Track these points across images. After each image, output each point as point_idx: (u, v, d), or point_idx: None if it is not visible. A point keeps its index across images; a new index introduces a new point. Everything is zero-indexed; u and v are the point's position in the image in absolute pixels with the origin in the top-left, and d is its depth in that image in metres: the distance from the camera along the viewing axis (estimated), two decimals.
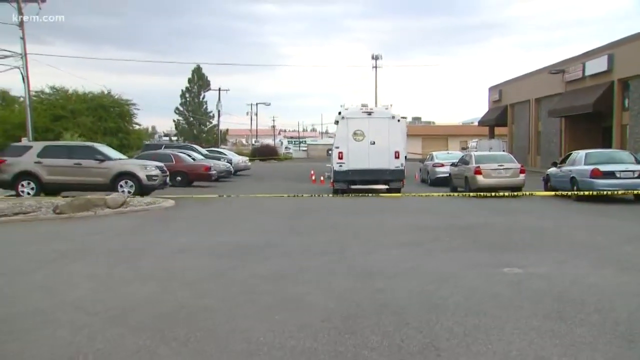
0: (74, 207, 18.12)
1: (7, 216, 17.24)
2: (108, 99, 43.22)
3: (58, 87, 43.83)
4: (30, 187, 22.86)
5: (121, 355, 5.72)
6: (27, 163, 23.03)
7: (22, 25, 33.50)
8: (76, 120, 39.56)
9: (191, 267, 9.99)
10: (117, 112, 43.02)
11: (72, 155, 23.33)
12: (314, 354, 5.65)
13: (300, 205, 20.47)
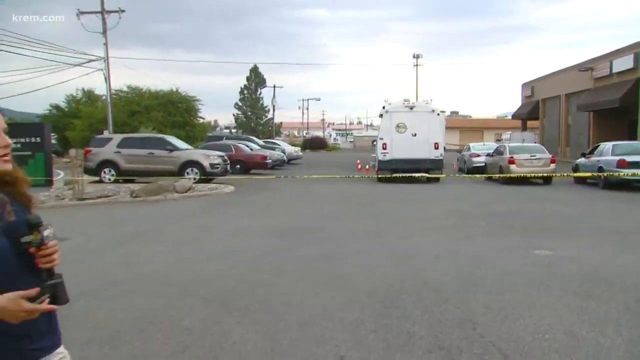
0: (148, 192, 18.49)
1: (92, 199, 17.71)
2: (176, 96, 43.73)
3: (134, 86, 44.61)
4: (110, 173, 23.38)
5: (191, 322, 5.84)
6: (108, 153, 23.55)
7: (105, 34, 34.27)
8: (149, 115, 40.17)
9: (249, 246, 10.11)
10: (184, 107, 43.50)
11: (146, 145, 23.74)
12: (361, 325, 5.69)
13: (347, 192, 20.45)
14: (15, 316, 1.92)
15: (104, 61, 34.34)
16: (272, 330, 5.55)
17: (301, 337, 5.34)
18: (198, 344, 5.20)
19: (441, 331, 5.46)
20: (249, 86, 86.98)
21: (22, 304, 1.91)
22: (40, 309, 1.95)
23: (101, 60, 34.42)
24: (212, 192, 20.17)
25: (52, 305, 2.00)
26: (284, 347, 5.11)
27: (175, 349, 5.09)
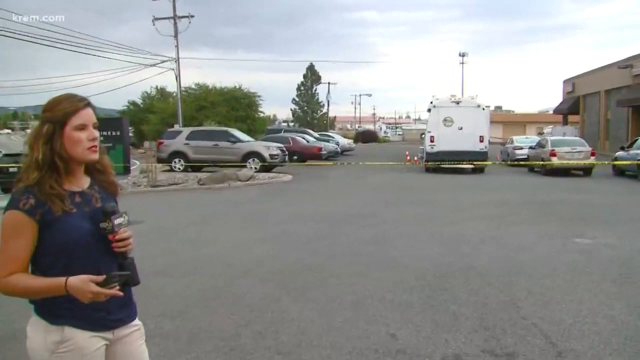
0: (213, 180, 18.76)
1: (164, 186, 18.10)
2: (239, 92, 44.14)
3: (201, 84, 45.27)
4: (180, 163, 23.79)
5: (252, 299, 5.88)
6: (178, 144, 23.96)
7: (177, 37, 34.92)
8: (214, 110, 40.67)
9: (305, 230, 10.12)
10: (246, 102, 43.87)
11: (212, 138, 24.05)
12: (410, 306, 5.62)
13: (397, 181, 20.28)
14: (84, 297, 1.96)
15: (175, 61, 35.00)
16: (327, 309, 5.54)
17: (354, 316, 5.30)
18: (259, 319, 5.22)
19: (486, 313, 5.34)
20: (305, 83, 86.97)
21: (90, 286, 1.95)
22: (106, 293, 1.97)
23: (173, 60, 35.08)
24: (272, 180, 20.32)
25: (122, 288, 2.03)
26: (339, 324, 5.08)
27: (238, 323, 5.13)
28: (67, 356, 2.06)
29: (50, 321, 2.08)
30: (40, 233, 2.03)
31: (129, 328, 2.24)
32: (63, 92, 2.18)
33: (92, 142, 2.10)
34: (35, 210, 2.01)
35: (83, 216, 2.07)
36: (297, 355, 4.40)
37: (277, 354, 4.41)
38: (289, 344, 4.61)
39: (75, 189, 2.12)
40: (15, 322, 5.36)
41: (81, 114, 2.09)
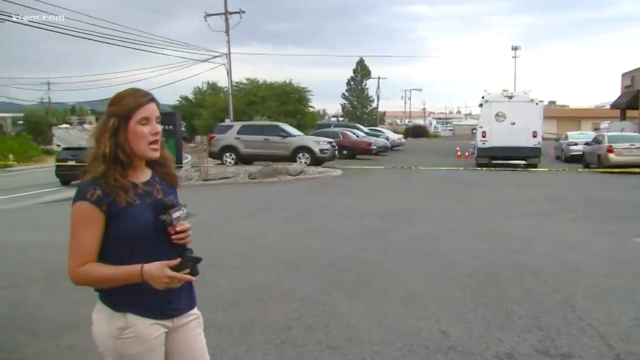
0: (264, 174, 18.94)
1: (215, 180, 18.40)
2: (289, 87, 44.40)
3: (252, 79, 45.77)
4: (231, 157, 24.11)
5: (303, 292, 5.92)
6: (229, 138, 24.26)
7: (228, 32, 35.41)
8: (265, 105, 41.04)
9: (354, 225, 10.11)
10: (296, 97, 44.10)
11: (262, 132, 24.27)
12: (462, 303, 5.55)
13: (447, 177, 20.05)
14: (159, 282, 2.04)
15: (226, 57, 35.49)
16: (377, 304, 5.53)
17: (404, 312, 5.28)
18: (310, 313, 5.26)
19: (539, 312, 5.23)
20: (355, 77, 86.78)
21: (165, 270, 2.03)
22: (180, 278, 2.06)
23: (224, 56, 35.58)
24: (321, 175, 20.37)
25: (190, 276, 2.12)
26: (389, 320, 5.06)
27: (289, 316, 5.18)
28: (129, 342, 2.14)
29: (114, 308, 2.16)
30: (106, 223, 2.11)
31: (188, 317, 2.31)
32: (119, 88, 2.27)
33: (154, 136, 2.16)
34: (102, 201, 2.09)
35: (146, 207, 2.14)
36: (347, 349, 4.41)
37: (327, 348, 4.43)
38: (339, 339, 4.62)
39: (138, 181, 2.20)
40: (78, 310, 5.56)
41: (144, 109, 2.15)
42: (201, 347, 2.38)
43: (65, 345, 4.63)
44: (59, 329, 5.06)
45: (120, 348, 2.15)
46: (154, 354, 2.22)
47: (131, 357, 2.16)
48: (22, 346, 4.65)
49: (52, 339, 4.79)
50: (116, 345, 2.14)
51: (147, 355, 2.20)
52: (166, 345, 2.27)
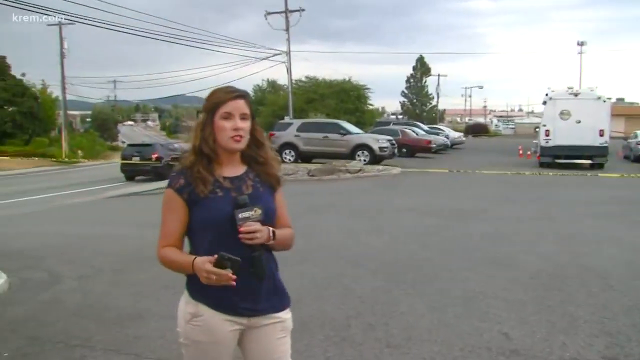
0: (323, 172, 19.04)
1: None
2: (348, 85, 44.49)
3: (311, 77, 46.14)
4: (290, 154, 24.29)
5: (363, 290, 5.94)
6: (289, 136, 24.44)
7: (288, 30, 35.75)
8: (323, 102, 41.26)
9: (415, 224, 10.06)
10: (355, 95, 44.15)
11: (322, 130, 24.34)
12: (524, 305, 5.45)
13: (509, 176, 19.63)
14: (201, 275, 2.10)
15: (286, 55, 35.83)
16: (437, 304, 5.49)
17: (465, 312, 5.22)
18: (369, 311, 5.27)
19: (607, 317, 5.06)
20: (414, 75, 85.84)
21: (206, 265, 2.07)
22: (215, 272, 2.06)
23: (284, 54, 35.94)
24: (381, 173, 20.30)
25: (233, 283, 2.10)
26: (450, 319, 5.03)
27: (349, 314, 5.21)
28: (198, 330, 2.25)
29: (190, 295, 2.29)
30: (190, 211, 2.23)
31: (269, 319, 2.32)
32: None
33: (235, 132, 2.22)
34: (184, 189, 2.22)
35: (228, 200, 2.20)
36: (406, 348, 4.40)
37: (386, 347, 4.44)
38: (398, 337, 4.62)
39: (226, 175, 2.27)
40: (141, 302, 5.77)
41: (229, 104, 2.23)
42: (280, 351, 2.36)
43: (132, 335, 4.80)
44: (126, 318, 5.26)
45: (189, 332, 2.28)
46: (220, 348, 2.28)
47: (196, 343, 2.28)
48: (93, 334, 4.86)
49: (120, 329, 4.98)
50: (186, 329, 2.28)
51: (212, 347, 2.27)
52: (241, 343, 2.34)
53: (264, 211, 2.21)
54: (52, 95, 53.23)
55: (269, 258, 2.32)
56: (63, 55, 43.84)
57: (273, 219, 2.32)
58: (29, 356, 4.43)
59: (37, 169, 36.45)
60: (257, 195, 2.27)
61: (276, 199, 2.39)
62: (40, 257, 7.98)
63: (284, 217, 2.44)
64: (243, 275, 2.14)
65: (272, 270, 2.36)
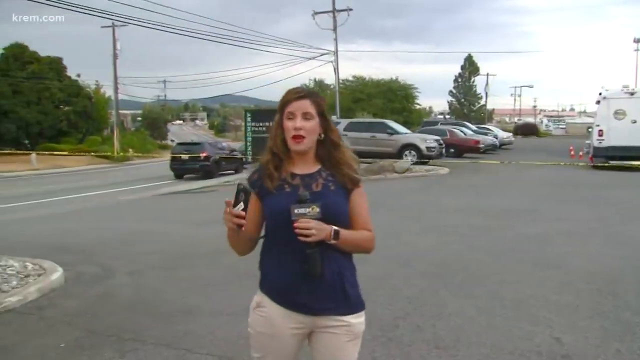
0: (369, 171, 18.99)
1: None
2: (396, 84, 44.27)
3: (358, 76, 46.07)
4: None
5: (410, 291, 5.90)
6: None
7: (335, 30, 35.79)
8: (370, 102, 41.14)
9: (464, 224, 9.93)
10: (403, 94, 43.90)
11: (369, 129, 24.27)
12: (576, 309, 5.31)
13: (560, 177, 19.17)
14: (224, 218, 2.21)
15: (333, 54, 35.85)
16: (486, 306, 5.41)
17: (515, 315, 5.13)
18: (417, 312, 5.24)
19: None
20: (462, 74, 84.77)
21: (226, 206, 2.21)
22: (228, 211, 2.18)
23: (331, 53, 35.97)
24: (428, 173, 20.14)
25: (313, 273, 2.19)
26: (499, 322, 4.94)
27: (396, 314, 5.18)
28: (258, 319, 2.35)
29: (259, 285, 2.40)
30: (262, 204, 2.34)
31: (333, 321, 2.30)
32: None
33: (296, 131, 2.26)
34: (256, 184, 2.35)
35: (293, 197, 2.22)
36: (455, 350, 4.36)
37: (435, 348, 4.40)
38: (447, 339, 4.58)
39: (297, 172, 2.33)
40: (191, 298, 5.88)
41: (292, 104, 2.29)
42: (344, 356, 2.35)
43: (182, 331, 4.89)
44: (175, 314, 5.36)
45: (253, 321, 2.38)
46: (279, 343, 2.31)
47: (258, 334, 2.36)
48: (144, 329, 4.98)
49: (170, 324, 5.08)
50: (252, 317, 2.39)
51: (271, 340, 2.32)
52: (310, 345, 2.38)
53: (327, 209, 2.19)
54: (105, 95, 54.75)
55: (335, 258, 2.29)
56: (116, 56, 44.96)
57: (341, 219, 2.29)
58: (83, 348, 4.57)
59: (90, 167, 37.56)
60: (325, 193, 2.27)
61: (351, 200, 2.37)
62: (94, 252, 8.22)
63: (362, 219, 2.40)
64: (300, 270, 2.19)
65: (340, 271, 2.32)
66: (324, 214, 2.18)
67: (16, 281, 6.20)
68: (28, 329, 5.07)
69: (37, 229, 10.83)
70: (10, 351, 4.55)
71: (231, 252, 2.49)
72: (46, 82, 46.77)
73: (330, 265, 2.25)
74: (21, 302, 5.70)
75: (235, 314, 5.21)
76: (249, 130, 22.50)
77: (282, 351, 2.33)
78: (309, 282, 2.22)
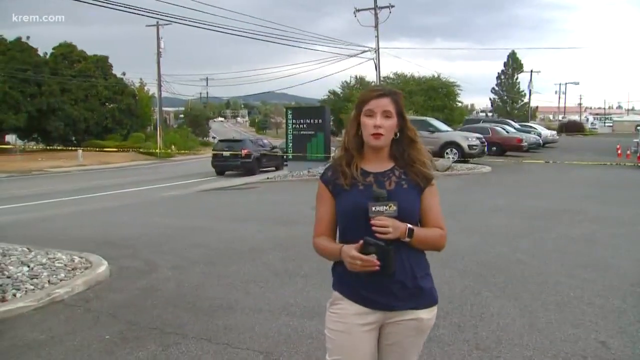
0: None
1: None
2: (437, 82, 43.75)
3: (399, 73, 45.73)
4: None
5: (451, 291, 5.84)
6: None
7: (377, 27, 35.65)
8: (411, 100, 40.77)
9: (506, 224, 9.77)
10: (444, 92, 43.34)
11: None
12: (623, 313, 5.17)
13: (606, 176, 18.66)
14: (346, 261, 2.20)
15: (375, 52, 35.69)
16: (529, 307, 5.31)
17: (559, 318, 5.03)
18: (458, 312, 5.19)
19: None
20: (506, 71, 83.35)
21: (351, 251, 2.16)
22: (358, 257, 2.14)
23: (372, 51, 35.82)
24: (470, 171, 19.88)
25: (382, 270, 2.16)
26: (542, 324, 4.85)
27: (437, 313, 5.12)
28: (333, 316, 2.37)
29: (333, 284, 2.41)
30: (335, 202, 2.36)
31: (405, 315, 2.33)
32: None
33: (375, 129, 2.28)
34: (329, 181, 2.38)
35: (367, 194, 2.25)
36: (496, 352, 4.30)
37: (475, 349, 4.35)
38: (488, 340, 4.52)
39: (371, 170, 2.35)
40: (232, 294, 5.94)
41: (371, 102, 2.31)
42: (410, 350, 2.40)
43: (223, 326, 4.96)
44: (217, 309, 5.43)
45: (328, 319, 2.40)
46: (353, 339, 2.32)
47: (331, 331, 2.37)
48: (186, 323, 5.06)
49: (211, 319, 5.15)
50: (327, 315, 2.41)
51: (344, 336, 2.33)
52: (380, 339, 2.39)
53: (401, 208, 2.21)
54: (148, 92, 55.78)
55: (408, 255, 2.30)
56: (159, 54, 45.72)
57: (413, 217, 2.31)
58: (127, 340, 4.68)
59: (134, 163, 38.36)
60: (398, 192, 2.29)
61: (424, 198, 2.37)
62: (138, 246, 8.39)
63: (434, 217, 2.39)
64: (380, 266, 2.18)
65: (412, 268, 2.33)
66: (397, 212, 2.21)
67: (64, 274, 6.38)
68: (75, 320, 5.22)
69: (84, 223, 11.11)
70: (59, 341, 4.68)
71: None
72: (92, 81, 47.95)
73: (403, 262, 2.27)
74: (69, 294, 5.87)
75: (274, 311, 5.26)
76: (290, 128, 22.59)
77: (357, 350, 2.33)
78: (381, 279, 2.23)
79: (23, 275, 6.19)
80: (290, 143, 22.55)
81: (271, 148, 29.28)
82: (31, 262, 6.73)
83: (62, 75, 45.98)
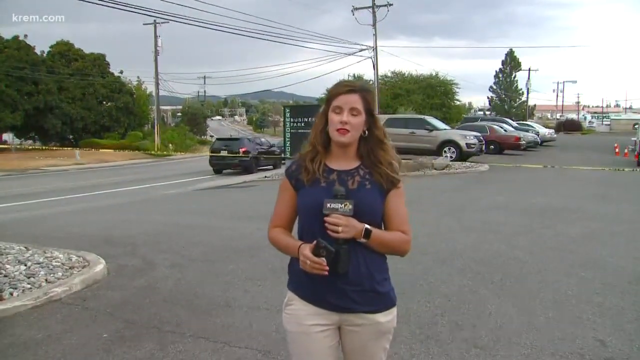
0: (409, 168, 18.87)
1: None
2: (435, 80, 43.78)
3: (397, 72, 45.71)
4: None
5: (449, 289, 5.84)
6: None
7: (375, 25, 35.65)
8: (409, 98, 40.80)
9: (504, 222, 9.78)
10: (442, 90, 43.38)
11: (408, 125, 24.06)
12: (621, 311, 5.18)
13: (605, 175, 18.68)
14: (300, 259, 2.18)
15: (373, 50, 35.69)
16: (527, 306, 5.32)
17: (557, 316, 5.03)
18: (456, 310, 5.18)
19: None
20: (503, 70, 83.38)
21: (305, 250, 2.16)
22: (309, 258, 2.13)
23: (370, 49, 35.82)
24: (468, 170, 19.89)
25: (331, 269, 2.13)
26: (540, 323, 4.85)
27: (434, 312, 5.14)
28: (289, 318, 2.34)
29: (288, 283, 2.39)
30: (297, 196, 2.33)
31: (361, 319, 2.28)
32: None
33: (342, 125, 2.24)
34: (293, 175, 2.35)
35: (327, 191, 2.21)
36: (494, 350, 4.30)
37: (474, 347, 4.35)
38: (486, 338, 4.52)
39: (335, 167, 2.31)
40: (230, 292, 5.93)
41: (340, 98, 2.26)
42: (371, 353, 2.34)
43: (221, 324, 4.95)
44: (215, 307, 5.42)
45: (284, 320, 2.37)
46: (311, 340, 2.28)
47: (289, 333, 2.35)
48: (184, 321, 5.05)
49: (209, 317, 5.15)
50: (283, 315, 2.38)
51: (302, 338, 2.29)
52: (342, 344, 2.36)
53: (359, 208, 2.17)
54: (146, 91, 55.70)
55: (365, 256, 2.24)
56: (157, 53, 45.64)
57: (374, 218, 2.25)
58: (125, 339, 4.66)
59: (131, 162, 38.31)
60: (359, 191, 2.24)
61: (388, 200, 2.30)
62: (136, 244, 8.37)
63: (397, 220, 2.31)
64: (331, 268, 2.13)
65: (369, 270, 2.26)
66: (357, 211, 2.16)
67: (61, 272, 6.36)
68: (72, 319, 5.20)
69: (82, 222, 11.09)
70: (56, 340, 4.67)
71: (269, 247, 2.51)
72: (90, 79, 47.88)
73: (359, 263, 2.22)
74: (66, 293, 5.86)
75: (271, 309, 5.25)
76: (287, 126, 22.58)
77: (316, 351, 2.29)
78: (336, 279, 2.18)
79: (20, 274, 6.18)
80: (288, 141, 22.53)
81: (269, 146, 29.26)
82: (28, 260, 6.72)
83: (60, 73, 45.90)
